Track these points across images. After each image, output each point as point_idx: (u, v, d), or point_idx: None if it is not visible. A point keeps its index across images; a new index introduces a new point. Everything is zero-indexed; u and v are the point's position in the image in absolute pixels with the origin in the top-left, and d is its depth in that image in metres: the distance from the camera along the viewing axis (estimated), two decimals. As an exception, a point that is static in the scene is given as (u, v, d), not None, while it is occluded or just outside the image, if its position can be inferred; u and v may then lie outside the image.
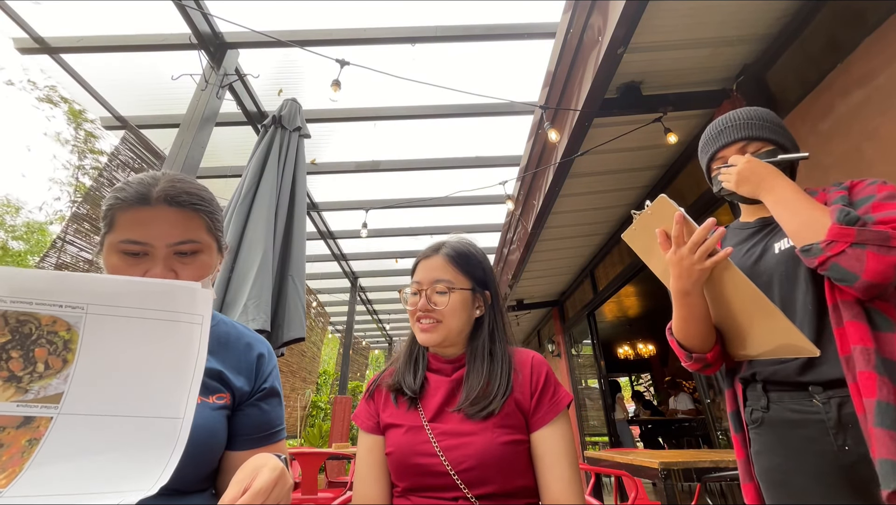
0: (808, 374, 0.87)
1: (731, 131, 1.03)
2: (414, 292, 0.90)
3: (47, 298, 0.32)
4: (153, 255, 0.65)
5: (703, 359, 0.99)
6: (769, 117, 1.02)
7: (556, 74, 2.41)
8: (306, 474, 2.41)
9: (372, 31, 2.51)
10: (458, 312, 0.87)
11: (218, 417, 0.68)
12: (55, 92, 5.98)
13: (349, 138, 3.52)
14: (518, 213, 3.65)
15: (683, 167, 3.13)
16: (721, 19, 2.09)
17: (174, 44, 2.45)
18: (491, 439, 0.76)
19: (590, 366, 6.22)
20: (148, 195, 0.66)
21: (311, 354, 6.34)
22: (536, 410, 0.81)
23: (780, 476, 0.90)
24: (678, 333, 1.00)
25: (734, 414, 1.03)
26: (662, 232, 0.87)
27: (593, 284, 5.15)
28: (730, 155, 1.03)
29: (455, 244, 0.93)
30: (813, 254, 0.81)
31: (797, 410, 0.89)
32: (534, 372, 0.85)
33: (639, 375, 11.10)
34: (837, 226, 0.78)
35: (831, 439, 0.83)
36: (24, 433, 0.31)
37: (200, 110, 2.23)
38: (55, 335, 0.32)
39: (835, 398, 0.84)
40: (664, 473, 1.79)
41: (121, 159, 2.50)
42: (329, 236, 4.76)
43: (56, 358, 0.32)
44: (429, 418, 0.83)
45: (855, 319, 0.80)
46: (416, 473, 0.78)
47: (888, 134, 1.73)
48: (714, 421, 3.20)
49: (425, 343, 0.87)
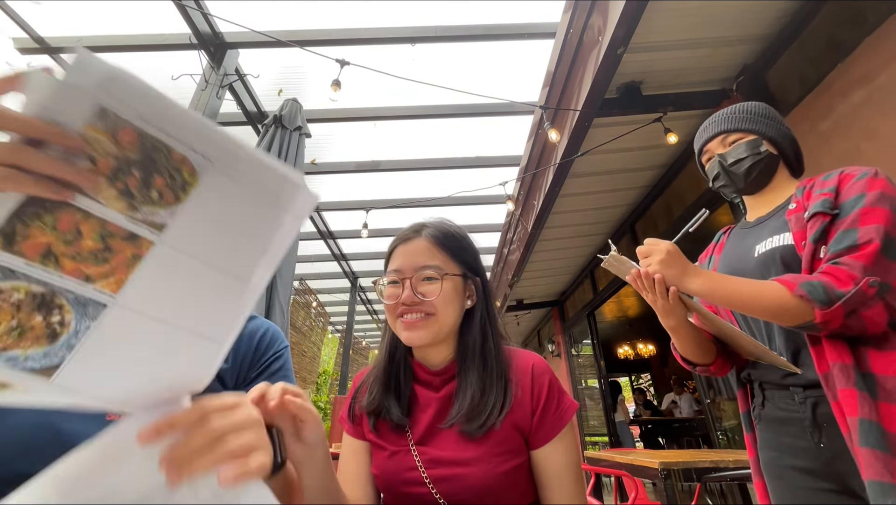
0: (790, 376, 0.90)
1: (713, 126, 1.06)
2: (392, 281, 0.75)
3: (182, 135, 0.33)
4: None
5: (707, 370, 1.06)
6: (754, 109, 1.02)
7: (556, 74, 2.41)
8: (306, 474, 2.41)
9: (372, 31, 2.51)
10: (451, 301, 0.73)
11: None
12: None
13: (349, 138, 3.52)
14: (518, 213, 3.65)
15: (683, 167, 3.13)
16: (721, 19, 2.10)
17: (174, 44, 2.46)
18: (489, 470, 0.65)
19: (590, 366, 6.22)
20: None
21: (311, 354, 6.34)
22: (539, 428, 0.70)
23: (776, 470, 0.93)
24: (681, 351, 1.06)
25: (745, 415, 1.05)
26: (634, 280, 0.92)
27: (593, 283, 5.15)
28: (715, 148, 1.06)
29: (439, 224, 0.80)
30: (812, 330, 0.82)
31: (784, 408, 0.92)
32: (535, 383, 0.72)
33: (639, 375, 11.10)
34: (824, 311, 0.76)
35: (809, 437, 0.86)
36: (129, 247, 0.32)
37: (200, 110, 2.23)
38: (178, 173, 0.33)
39: (810, 399, 0.86)
40: (664, 473, 1.79)
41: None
42: (329, 236, 4.76)
43: (170, 192, 0.33)
44: (416, 440, 0.71)
45: (832, 337, 0.80)
46: (404, 502, 0.70)
47: (888, 134, 1.73)
48: (714, 421, 3.20)
49: (413, 342, 0.72)
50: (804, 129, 2.10)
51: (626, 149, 2.90)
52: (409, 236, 0.78)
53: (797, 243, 0.87)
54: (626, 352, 9.48)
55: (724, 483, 2.88)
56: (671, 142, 2.54)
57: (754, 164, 0.98)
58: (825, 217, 0.83)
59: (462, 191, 3.60)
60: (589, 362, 6.27)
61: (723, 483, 2.92)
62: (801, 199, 0.92)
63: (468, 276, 0.77)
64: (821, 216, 0.84)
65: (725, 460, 1.83)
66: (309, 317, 5.79)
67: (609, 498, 4.38)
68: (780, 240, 0.91)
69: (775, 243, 0.92)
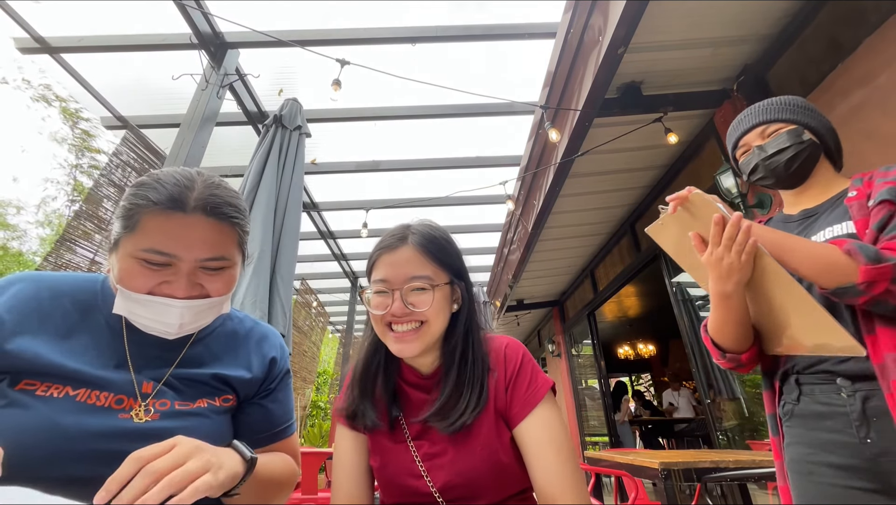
0: (841, 365, 0.86)
1: (750, 118, 1.02)
2: (379, 292, 0.73)
3: None
4: (178, 267, 0.60)
5: (737, 359, 0.96)
6: (793, 100, 1.00)
7: (556, 74, 2.41)
8: (306, 474, 2.41)
9: (372, 31, 2.51)
10: (442, 310, 0.73)
11: (226, 419, 0.69)
12: (49, 91, 5.95)
13: (349, 138, 3.52)
14: (518, 213, 3.65)
15: (684, 167, 3.12)
16: (721, 19, 2.09)
17: (175, 44, 2.46)
18: (478, 460, 0.68)
19: (590, 366, 6.22)
20: (184, 200, 0.60)
21: (311, 354, 6.34)
22: (512, 405, 0.71)
23: (806, 466, 0.89)
24: (714, 334, 0.96)
25: (772, 417, 1.01)
26: (697, 235, 0.83)
27: (593, 283, 5.15)
28: (752, 140, 1.01)
29: (424, 230, 0.76)
30: (852, 294, 0.78)
31: (825, 402, 0.88)
32: (508, 363, 0.74)
33: (639, 375, 11.10)
34: (870, 266, 0.74)
35: (854, 432, 0.83)
36: None
37: (201, 110, 2.23)
38: None
39: (860, 392, 0.83)
40: (664, 473, 1.79)
41: (122, 159, 2.50)
42: (329, 236, 4.76)
43: None
44: (413, 436, 0.74)
45: (887, 325, 0.78)
46: (403, 493, 0.72)
47: (889, 134, 1.73)
48: (714, 421, 3.20)
49: (404, 354, 0.71)
50: (804, 130, 2.10)
51: (626, 149, 2.90)
52: (393, 245, 0.74)
53: (860, 231, 0.84)
54: (627, 352, 9.49)
55: (725, 483, 2.88)
56: (671, 142, 2.54)
57: (798, 153, 0.94)
58: (892, 205, 0.81)
59: (462, 191, 3.60)
60: (589, 362, 6.26)
61: (723, 483, 2.92)
62: (860, 188, 0.89)
63: (454, 281, 0.76)
64: (888, 204, 0.81)
65: (726, 461, 1.83)
66: (309, 316, 5.79)
67: (609, 498, 4.38)
68: (842, 228, 0.88)
69: (836, 232, 0.88)
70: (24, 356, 0.56)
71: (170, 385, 0.64)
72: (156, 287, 0.60)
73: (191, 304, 0.61)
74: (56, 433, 0.53)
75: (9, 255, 8.92)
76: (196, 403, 0.65)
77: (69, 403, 0.56)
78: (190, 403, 0.65)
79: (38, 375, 0.57)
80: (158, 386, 0.63)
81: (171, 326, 0.61)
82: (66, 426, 0.54)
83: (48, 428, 0.53)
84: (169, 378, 0.65)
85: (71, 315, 0.63)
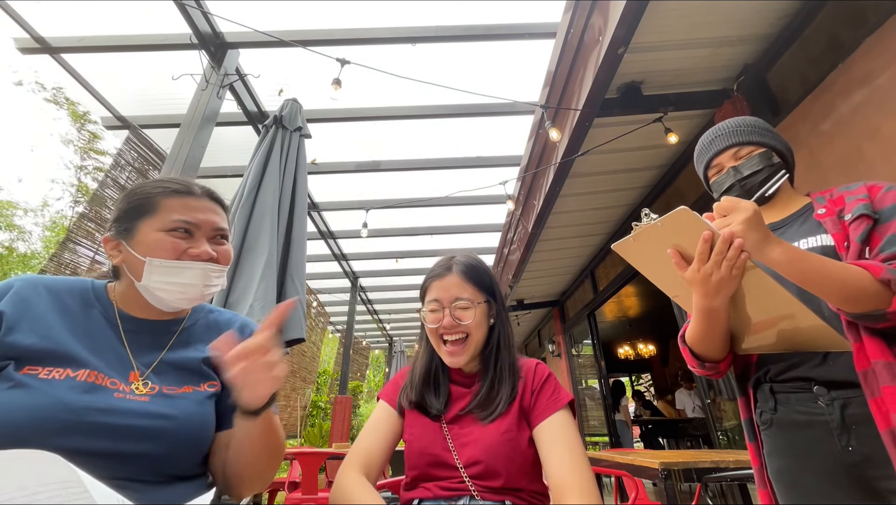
0: (814, 371, 0.88)
1: (723, 139, 1.07)
2: (433, 310, 0.93)
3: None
4: (197, 235, 0.76)
5: (716, 367, 0.99)
6: (758, 123, 1.06)
7: (556, 74, 2.41)
8: (307, 474, 2.41)
9: (372, 31, 2.51)
10: (481, 324, 0.93)
11: (209, 404, 0.74)
12: (61, 93, 5.98)
13: (349, 138, 3.52)
14: (518, 213, 3.65)
15: (684, 167, 3.12)
16: (721, 19, 2.09)
17: (175, 44, 2.46)
18: (497, 438, 0.84)
19: (590, 366, 6.22)
20: (192, 188, 0.79)
21: (311, 354, 6.34)
22: (535, 407, 0.88)
23: (790, 477, 0.91)
24: (695, 345, 0.97)
25: (748, 422, 1.03)
26: (676, 252, 0.81)
27: (594, 284, 5.15)
28: (726, 161, 1.06)
29: (465, 260, 0.97)
30: (874, 319, 0.79)
31: (803, 411, 0.90)
32: (536, 375, 0.93)
33: (639, 375, 11.09)
34: None
35: (835, 440, 0.84)
36: None
37: (201, 110, 2.23)
38: None
39: (838, 400, 0.85)
40: (664, 473, 1.79)
41: (125, 159, 2.50)
42: (329, 236, 4.76)
43: None
44: (448, 421, 0.91)
45: (873, 335, 0.81)
46: (429, 463, 0.86)
47: (889, 134, 1.73)
48: (714, 421, 3.20)
49: (456, 365, 0.92)
50: (805, 130, 2.10)
51: (626, 149, 2.90)
52: (441, 273, 0.96)
53: (838, 243, 0.88)
54: (627, 352, 9.48)
55: (725, 483, 2.88)
56: (671, 142, 2.54)
57: (770, 175, 1.01)
58: (869, 220, 0.86)
59: (462, 191, 3.60)
60: (589, 362, 6.27)
61: (723, 483, 2.92)
62: (827, 206, 0.95)
63: (490, 301, 0.96)
64: (865, 218, 0.86)
65: (726, 460, 1.83)
66: (309, 317, 5.79)
67: (609, 498, 4.37)
68: (817, 241, 0.92)
69: (812, 244, 0.92)
70: (25, 344, 0.63)
71: (159, 371, 0.72)
72: (183, 253, 0.73)
73: (212, 267, 0.76)
74: (63, 406, 0.59)
75: (14, 255, 8.92)
76: (182, 389, 0.72)
77: (71, 382, 0.63)
78: (176, 388, 0.72)
79: (40, 361, 0.63)
80: (148, 372, 0.71)
81: (195, 289, 0.74)
82: (70, 401, 0.60)
83: (55, 403, 0.59)
84: (159, 364, 0.73)
85: (68, 308, 0.71)
